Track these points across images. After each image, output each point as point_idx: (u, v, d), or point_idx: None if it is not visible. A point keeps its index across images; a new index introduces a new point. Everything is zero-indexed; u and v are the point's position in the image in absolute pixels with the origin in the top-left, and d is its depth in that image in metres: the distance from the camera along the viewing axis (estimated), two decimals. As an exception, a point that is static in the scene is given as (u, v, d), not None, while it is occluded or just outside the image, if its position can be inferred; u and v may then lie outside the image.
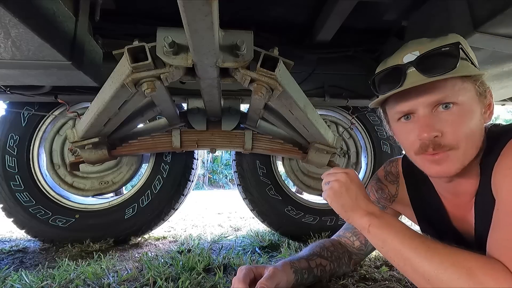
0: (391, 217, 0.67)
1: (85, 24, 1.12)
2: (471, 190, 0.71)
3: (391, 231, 0.62)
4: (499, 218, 0.58)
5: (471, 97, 0.63)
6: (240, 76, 0.92)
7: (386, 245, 0.62)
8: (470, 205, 0.72)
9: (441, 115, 0.63)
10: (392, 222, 0.65)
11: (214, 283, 0.98)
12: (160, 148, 1.56)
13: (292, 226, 1.78)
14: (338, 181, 0.73)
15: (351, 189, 0.72)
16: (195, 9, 0.59)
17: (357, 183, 0.74)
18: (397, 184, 0.93)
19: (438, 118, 0.63)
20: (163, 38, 0.82)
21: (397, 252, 0.60)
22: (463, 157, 0.63)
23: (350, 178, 0.73)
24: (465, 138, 0.62)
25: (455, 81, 0.62)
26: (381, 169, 1.00)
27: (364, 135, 1.98)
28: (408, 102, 0.66)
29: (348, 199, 0.71)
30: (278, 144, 1.60)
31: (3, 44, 0.92)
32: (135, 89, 0.93)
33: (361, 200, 0.71)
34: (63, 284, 0.99)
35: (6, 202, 1.61)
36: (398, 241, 0.60)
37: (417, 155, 0.68)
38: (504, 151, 0.61)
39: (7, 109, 1.68)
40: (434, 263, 0.54)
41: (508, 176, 0.58)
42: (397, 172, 0.94)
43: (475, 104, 0.64)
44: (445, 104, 0.62)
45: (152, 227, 1.78)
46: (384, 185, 0.96)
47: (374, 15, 1.43)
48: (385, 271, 1.11)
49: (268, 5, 1.35)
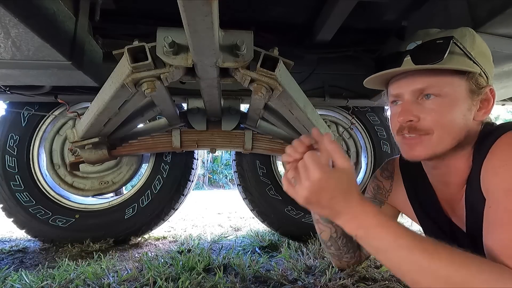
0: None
1: (85, 24, 1.12)
2: (458, 181, 0.72)
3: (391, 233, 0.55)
4: (496, 217, 0.57)
5: (459, 91, 0.65)
6: (240, 76, 0.92)
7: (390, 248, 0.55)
8: (459, 197, 0.73)
9: (424, 103, 0.67)
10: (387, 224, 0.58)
11: (214, 283, 0.98)
12: (160, 148, 1.56)
13: (292, 226, 1.78)
14: (309, 185, 0.57)
15: (326, 191, 0.57)
16: (195, 9, 0.58)
17: (331, 182, 0.57)
18: (391, 179, 0.95)
19: (421, 105, 0.67)
20: (163, 38, 0.82)
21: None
22: (436, 143, 0.66)
23: (323, 178, 0.56)
24: (440, 127, 0.65)
25: (442, 73, 0.65)
26: (379, 168, 1.03)
27: (364, 135, 1.99)
28: (399, 85, 0.70)
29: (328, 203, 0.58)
30: (278, 144, 1.60)
31: (3, 44, 0.91)
32: (135, 89, 0.93)
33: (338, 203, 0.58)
34: (63, 284, 0.99)
35: (6, 202, 1.61)
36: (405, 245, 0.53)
37: (397, 135, 0.72)
38: (493, 148, 0.62)
39: (7, 109, 1.68)
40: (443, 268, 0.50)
41: (499, 174, 0.58)
42: (392, 168, 0.96)
43: (462, 99, 0.65)
44: (427, 95, 0.66)
45: (152, 227, 1.78)
46: (379, 181, 0.98)
47: (374, 15, 1.43)
48: (385, 271, 1.11)
49: (268, 5, 1.35)
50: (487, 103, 0.68)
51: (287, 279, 1.06)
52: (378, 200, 0.97)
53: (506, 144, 0.60)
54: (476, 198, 0.65)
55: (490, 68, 0.69)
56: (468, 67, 0.65)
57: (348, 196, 0.57)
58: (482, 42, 0.69)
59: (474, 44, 0.67)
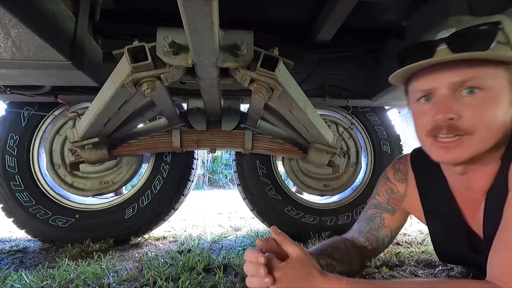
0: None
1: (85, 24, 1.12)
2: (484, 186, 0.67)
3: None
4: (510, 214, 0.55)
5: (501, 84, 0.58)
6: (240, 76, 0.92)
7: None
8: (481, 201, 0.69)
9: (464, 99, 0.58)
10: None
11: (214, 283, 0.98)
12: (160, 148, 1.56)
13: (292, 226, 1.78)
14: None
15: None
16: (195, 9, 0.58)
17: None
18: (406, 182, 0.90)
19: (460, 101, 0.58)
20: (163, 38, 0.82)
21: None
22: (478, 144, 0.59)
23: None
24: (484, 125, 0.57)
25: (486, 64, 0.57)
26: (390, 168, 0.97)
27: (364, 135, 1.98)
28: (431, 79, 0.61)
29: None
30: (278, 144, 1.60)
31: (3, 44, 0.91)
32: (135, 89, 0.93)
33: None
34: (63, 284, 0.99)
35: (6, 202, 1.61)
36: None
37: (427, 137, 0.64)
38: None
39: (7, 109, 1.68)
40: None
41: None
42: (406, 170, 0.91)
43: (504, 93, 0.58)
44: (470, 89, 0.58)
45: (152, 227, 1.78)
46: (393, 184, 0.93)
47: (374, 15, 1.43)
48: (385, 272, 1.11)
49: (268, 5, 1.35)
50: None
51: (287, 279, 1.06)
52: (391, 207, 0.93)
53: None
54: (498, 199, 0.60)
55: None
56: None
57: (310, 279, 0.60)
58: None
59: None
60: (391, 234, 0.94)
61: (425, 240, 1.71)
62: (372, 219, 0.95)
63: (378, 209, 0.95)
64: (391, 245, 1.73)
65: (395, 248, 1.63)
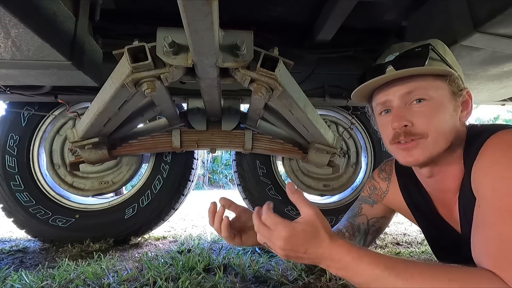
0: None
1: (85, 24, 1.12)
2: (453, 187, 0.74)
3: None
4: (483, 216, 0.58)
5: (443, 94, 0.69)
6: (240, 76, 0.92)
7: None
8: (454, 201, 0.75)
9: (413, 108, 0.69)
10: None
11: (214, 283, 0.98)
12: (160, 148, 1.56)
13: (292, 226, 1.78)
14: (282, 244, 0.59)
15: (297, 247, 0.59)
16: (195, 9, 0.58)
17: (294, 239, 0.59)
18: (388, 181, 0.98)
19: (411, 110, 0.69)
20: (163, 38, 0.82)
21: None
22: (432, 146, 0.68)
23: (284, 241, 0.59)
24: (434, 129, 0.67)
25: (426, 78, 0.69)
26: (377, 168, 1.05)
27: (364, 135, 1.99)
28: (385, 94, 0.73)
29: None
30: (278, 144, 1.60)
31: (3, 44, 0.91)
32: (135, 89, 0.93)
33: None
34: (63, 284, 0.99)
35: (6, 202, 1.61)
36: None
37: (391, 145, 0.74)
38: (483, 149, 0.63)
39: (7, 109, 1.68)
40: None
41: (488, 174, 0.60)
42: (390, 171, 0.98)
43: (446, 100, 0.69)
44: (418, 99, 0.69)
45: (152, 227, 1.78)
46: (376, 182, 1.01)
47: (374, 15, 1.43)
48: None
49: (268, 5, 1.35)
50: (467, 104, 0.72)
51: (287, 279, 1.06)
52: (372, 199, 1.01)
53: (495, 145, 0.62)
54: (468, 201, 0.66)
55: (461, 73, 0.74)
56: (445, 70, 0.69)
57: (319, 242, 0.59)
58: (450, 52, 0.75)
59: (446, 52, 0.73)
60: (367, 222, 0.99)
61: (425, 240, 1.71)
62: (352, 209, 1.04)
63: (359, 201, 1.04)
64: (391, 245, 1.73)
65: (395, 248, 1.63)
